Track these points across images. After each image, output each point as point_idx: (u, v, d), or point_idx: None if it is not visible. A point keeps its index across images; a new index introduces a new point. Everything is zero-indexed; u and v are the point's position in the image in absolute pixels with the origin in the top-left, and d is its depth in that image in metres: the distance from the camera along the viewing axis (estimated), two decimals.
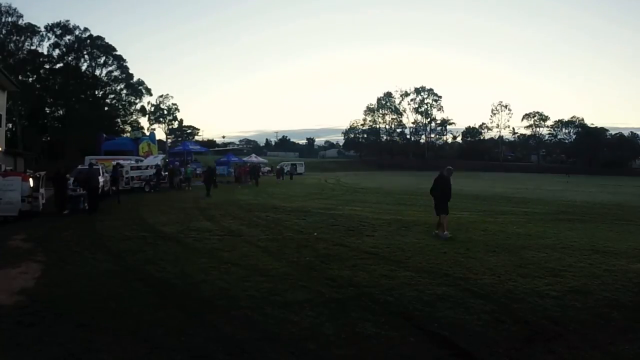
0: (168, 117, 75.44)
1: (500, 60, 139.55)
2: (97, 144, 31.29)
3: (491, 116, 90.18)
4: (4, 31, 47.01)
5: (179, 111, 75.98)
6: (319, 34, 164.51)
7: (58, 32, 51.32)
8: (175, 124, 77.70)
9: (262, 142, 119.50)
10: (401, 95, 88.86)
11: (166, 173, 25.45)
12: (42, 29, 50.35)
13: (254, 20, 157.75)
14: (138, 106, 61.72)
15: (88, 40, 52.93)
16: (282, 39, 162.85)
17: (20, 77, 44.18)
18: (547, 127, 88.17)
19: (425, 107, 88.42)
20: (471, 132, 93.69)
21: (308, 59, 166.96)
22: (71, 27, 51.79)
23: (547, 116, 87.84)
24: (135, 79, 58.50)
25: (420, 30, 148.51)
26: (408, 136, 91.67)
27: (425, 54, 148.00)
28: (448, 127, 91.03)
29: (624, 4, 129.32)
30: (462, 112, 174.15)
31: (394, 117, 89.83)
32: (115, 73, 56.28)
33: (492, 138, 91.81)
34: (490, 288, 5.79)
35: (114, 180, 18.89)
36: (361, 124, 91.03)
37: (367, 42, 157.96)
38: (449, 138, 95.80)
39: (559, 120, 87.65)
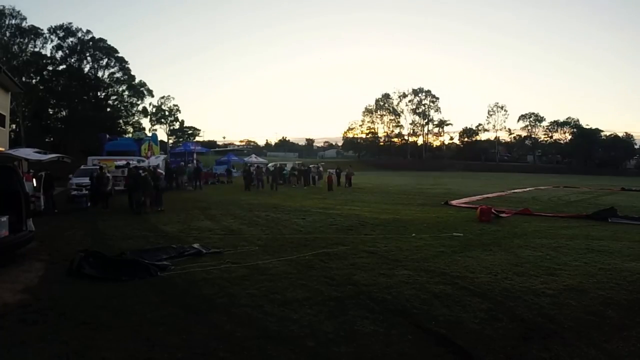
0: (169, 118, 75.47)
1: (497, 62, 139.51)
2: (100, 145, 31.37)
3: (487, 117, 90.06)
4: (7, 33, 47.02)
5: (180, 112, 76.11)
6: (320, 38, 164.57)
7: (61, 35, 51.30)
8: (177, 125, 77.74)
9: (262, 143, 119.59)
10: (399, 97, 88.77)
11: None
12: (45, 31, 50.36)
13: (255, 23, 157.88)
14: (140, 107, 61.86)
15: (90, 42, 52.86)
16: (283, 42, 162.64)
17: (23, 79, 44.19)
18: (543, 127, 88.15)
19: (423, 108, 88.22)
20: (468, 133, 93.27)
21: (309, 63, 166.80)
22: (74, 29, 51.78)
23: (542, 117, 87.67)
24: (137, 81, 58.70)
25: (419, 33, 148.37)
26: (406, 137, 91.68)
27: (423, 56, 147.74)
28: (445, 127, 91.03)
29: (622, 6, 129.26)
30: (459, 113, 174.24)
31: (392, 118, 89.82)
32: (117, 75, 56.29)
33: (488, 139, 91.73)
34: (486, 286, 5.86)
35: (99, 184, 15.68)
36: (360, 125, 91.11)
37: (368, 45, 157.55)
38: (446, 139, 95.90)
39: (554, 121, 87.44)
